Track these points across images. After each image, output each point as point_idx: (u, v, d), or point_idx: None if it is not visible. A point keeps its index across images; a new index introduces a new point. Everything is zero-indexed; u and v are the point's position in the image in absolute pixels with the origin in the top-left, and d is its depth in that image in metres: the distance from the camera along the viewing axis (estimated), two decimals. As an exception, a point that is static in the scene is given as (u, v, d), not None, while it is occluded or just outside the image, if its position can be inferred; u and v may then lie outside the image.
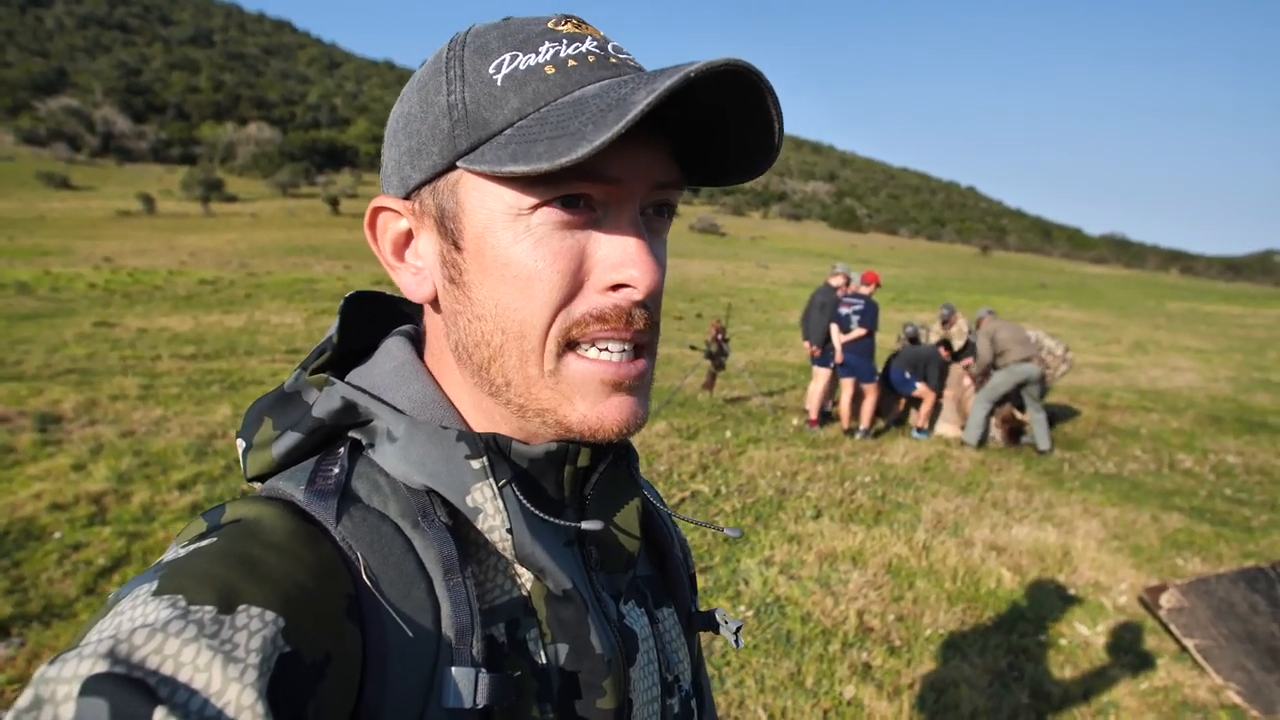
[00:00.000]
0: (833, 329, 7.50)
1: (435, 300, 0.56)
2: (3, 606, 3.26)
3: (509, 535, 0.51)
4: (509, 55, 0.49)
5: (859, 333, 7.37)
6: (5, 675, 2.83)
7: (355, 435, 0.54)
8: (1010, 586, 4.29)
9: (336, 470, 0.52)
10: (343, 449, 0.54)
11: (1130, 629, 3.90)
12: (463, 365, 0.55)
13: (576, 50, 0.49)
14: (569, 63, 0.48)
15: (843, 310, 7.48)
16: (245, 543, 0.44)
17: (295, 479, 0.51)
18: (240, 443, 0.58)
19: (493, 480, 0.51)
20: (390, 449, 0.52)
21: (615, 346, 0.51)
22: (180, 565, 0.42)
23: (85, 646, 0.37)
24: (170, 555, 0.44)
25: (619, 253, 0.50)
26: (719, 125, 0.51)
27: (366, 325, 0.63)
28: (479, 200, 0.50)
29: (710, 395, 8.75)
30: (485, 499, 0.51)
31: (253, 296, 15.96)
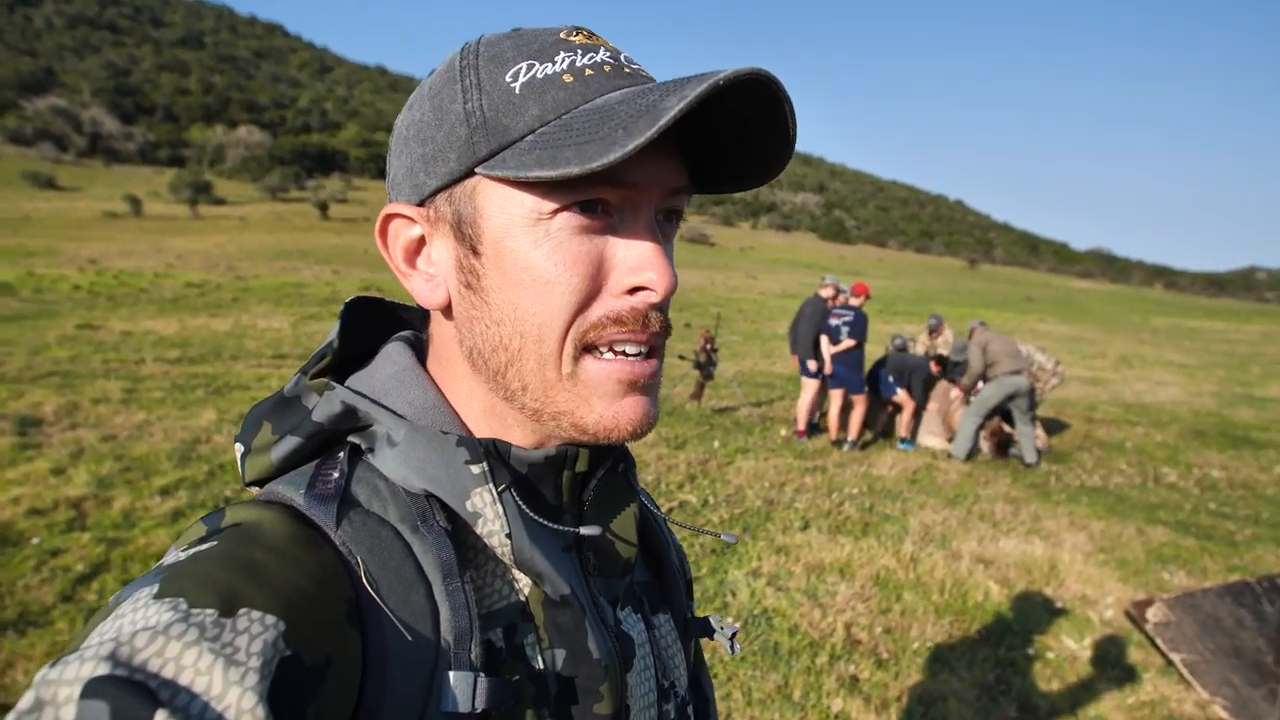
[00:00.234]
0: (822, 340, 7.51)
1: (448, 307, 0.56)
2: (-23, 613, 3.20)
3: (508, 540, 0.51)
4: (525, 64, 0.50)
5: (848, 344, 7.37)
6: (-22, 684, 2.78)
7: (355, 440, 0.54)
8: (998, 599, 4.29)
9: (336, 475, 0.52)
10: (342, 453, 0.54)
11: (1117, 643, 3.91)
12: (477, 371, 0.55)
13: (592, 60, 0.50)
14: (586, 72, 0.50)
15: (833, 321, 7.49)
16: (246, 547, 0.44)
17: (295, 483, 0.52)
18: (239, 447, 0.58)
19: (492, 485, 0.52)
20: (390, 454, 0.53)
21: (632, 349, 0.52)
22: (181, 568, 0.42)
23: (86, 649, 0.37)
24: (170, 559, 0.45)
25: (637, 256, 0.51)
26: (740, 134, 0.52)
27: (367, 331, 0.64)
28: (499, 205, 0.50)
29: (698, 405, 8.75)
30: (485, 504, 0.51)
31: (240, 300, 15.84)
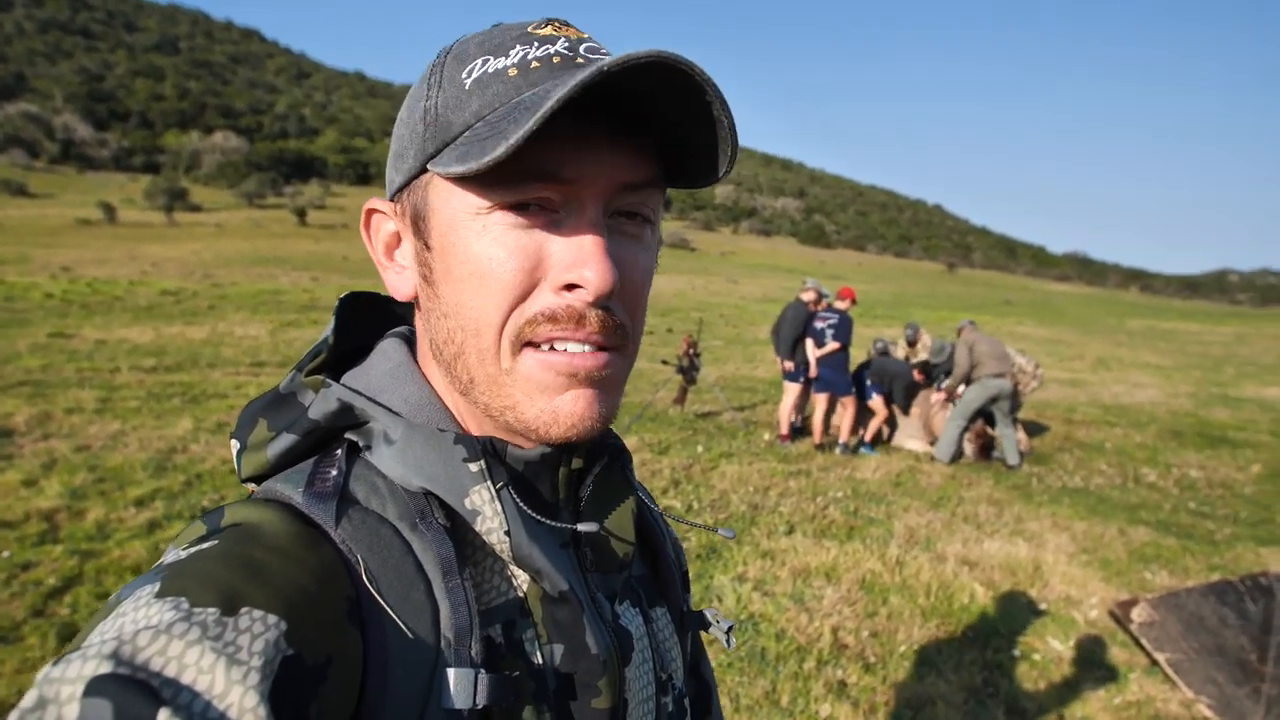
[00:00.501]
0: (808, 343, 7.51)
1: (417, 300, 0.57)
2: (-57, 630, 3.11)
3: (507, 537, 0.51)
4: (481, 60, 0.50)
5: (833, 346, 7.37)
6: (-56, 703, 2.69)
7: (352, 437, 0.54)
8: (983, 601, 4.29)
9: (334, 472, 0.52)
10: (340, 451, 0.54)
11: (1102, 643, 3.92)
12: (438, 364, 0.56)
13: (544, 52, 0.49)
14: (532, 65, 0.49)
15: (817, 324, 7.49)
16: (247, 545, 0.44)
17: (293, 481, 0.52)
18: (234, 444, 0.58)
19: (490, 483, 0.52)
20: (387, 451, 0.53)
21: (574, 346, 0.51)
22: (182, 567, 0.42)
23: (89, 648, 0.37)
24: (171, 558, 0.44)
25: (574, 253, 0.49)
26: (678, 126, 0.50)
27: (362, 327, 0.64)
28: (444, 200, 0.51)
29: (682, 410, 8.72)
30: (483, 501, 0.51)
31: (216, 308, 15.63)
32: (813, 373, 7.48)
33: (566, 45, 0.50)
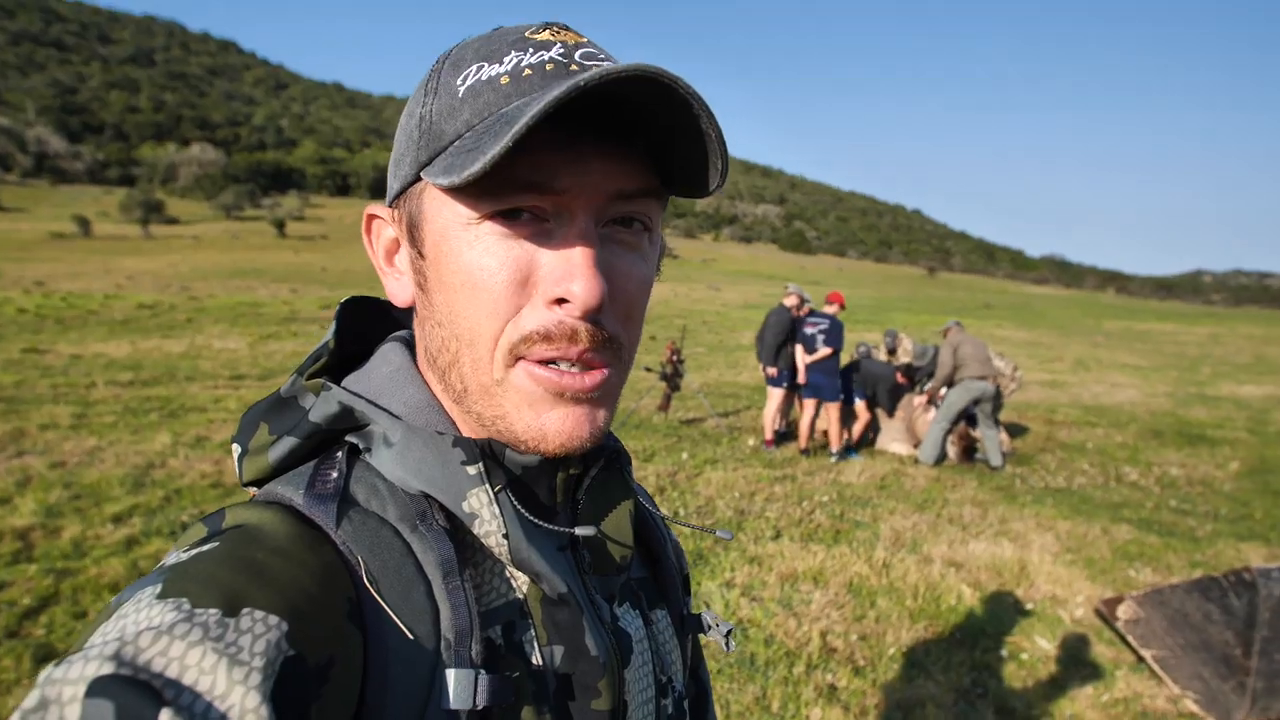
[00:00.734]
0: (796, 349, 7.49)
1: (415, 306, 0.57)
2: (-87, 653, 3.03)
3: (505, 540, 0.51)
4: (476, 66, 0.49)
5: (825, 352, 7.32)
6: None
7: (352, 440, 0.54)
8: (970, 602, 4.30)
9: (335, 475, 0.52)
10: (340, 453, 0.54)
11: (1088, 641, 3.94)
12: (433, 370, 0.56)
13: (539, 59, 0.48)
14: (524, 72, 0.48)
15: (807, 330, 7.45)
16: (248, 547, 0.44)
17: (294, 483, 0.52)
18: (235, 447, 0.58)
19: (488, 486, 0.52)
20: (387, 454, 0.53)
21: (565, 365, 0.51)
22: (183, 569, 0.42)
23: (90, 649, 0.37)
24: (172, 559, 0.44)
25: (563, 265, 0.49)
26: (670, 135, 0.50)
27: (363, 331, 0.64)
28: (436, 210, 0.51)
29: (666, 417, 8.71)
30: (481, 504, 0.51)
31: (194, 321, 15.46)
32: (801, 379, 7.45)
33: (562, 51, 0.49)
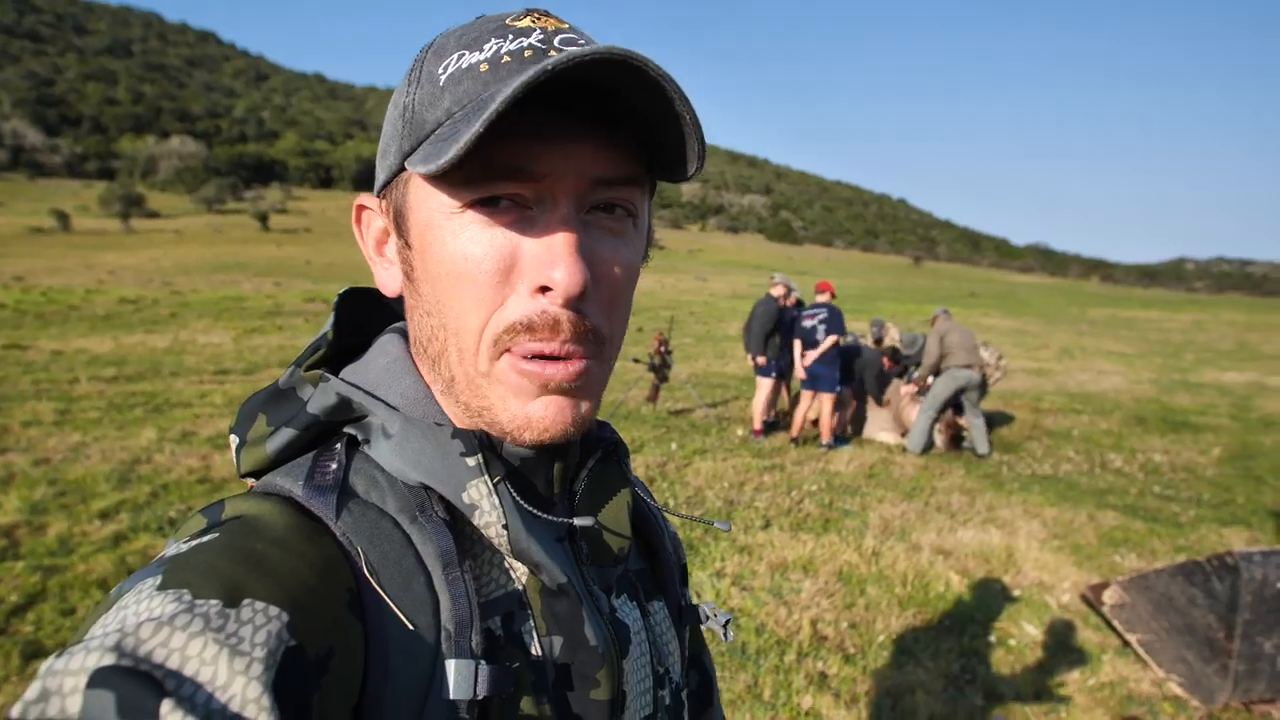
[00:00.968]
0: (795, 345, 7.45)
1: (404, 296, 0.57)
2: (-103, 653, 2.99)
3: (505, 531, 0.51)
4: (457, 55, 0.49)
5: (830, 341, 7.22)
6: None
7: (351, 431, 0.54)
8: (958, 589, 4.34)
9: (334, 466, 0.52)
10: (339, 445, 0.54)
11: (1074, 626, 3.98)
12: (425, 359, 0.55)
13: (518, 45, 0.48)
14: (503, 59, 0.48)
15: (805, 323, 7.38)
16: (248, 538, 0.44)
17: (293, 475, 0.52)
18: (233, 439, 0.58)
19: (488, 477, 0.51)
20: (386, 445, 0.53)
21: (549, 357, 0.51)
22: (184, 560, 0.42)
23: (91, 640, 0.37)
24: (171, 550, 0.45)
25: (544, 252, 0.48)
26: (648, 119, 0.49)
27: (361, 322, 0.64)
28: (421, 199, 0.50)
29: (654, 408, 8.73)
30: (481, 495, 0.51)
31: (178, 316, 15.33)
32: (800, 375, 7.38)
33: (541, 37, 0.49)
